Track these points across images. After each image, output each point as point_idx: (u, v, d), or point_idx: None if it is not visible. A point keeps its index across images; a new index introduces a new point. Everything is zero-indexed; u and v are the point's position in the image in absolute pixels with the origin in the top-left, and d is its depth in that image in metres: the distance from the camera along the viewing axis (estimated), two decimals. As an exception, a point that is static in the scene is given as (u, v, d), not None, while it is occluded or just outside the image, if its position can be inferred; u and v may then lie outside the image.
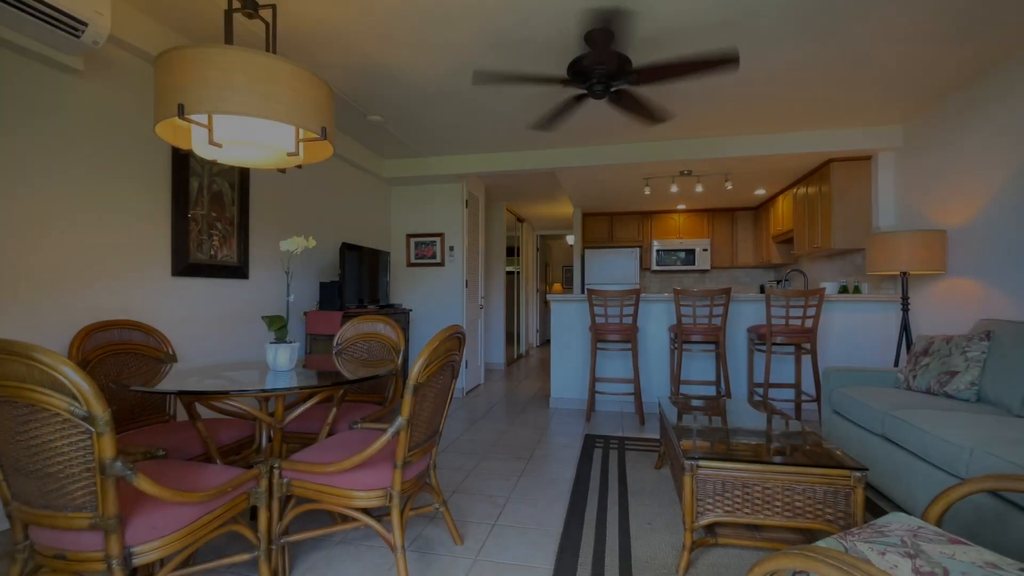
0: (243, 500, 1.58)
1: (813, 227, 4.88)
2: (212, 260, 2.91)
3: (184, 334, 2.76)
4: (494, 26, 2.52)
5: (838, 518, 1.75)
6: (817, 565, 0.79)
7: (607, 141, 4.40)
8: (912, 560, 1.07)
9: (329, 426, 2.15)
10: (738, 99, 3.45)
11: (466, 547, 2.02)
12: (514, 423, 3.98)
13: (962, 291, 3.33)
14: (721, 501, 1.83)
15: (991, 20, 2.49)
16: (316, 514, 2.30)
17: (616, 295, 3.93)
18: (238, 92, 1.56)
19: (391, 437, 1.61)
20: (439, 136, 4.24)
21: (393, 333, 2.59)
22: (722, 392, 4.01)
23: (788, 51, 2.78)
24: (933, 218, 3.62)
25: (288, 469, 1.70)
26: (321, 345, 3.52)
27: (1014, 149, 2.88)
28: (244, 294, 3.19)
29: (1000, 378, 2.41)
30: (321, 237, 4.08)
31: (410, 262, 5.30)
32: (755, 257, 6.95)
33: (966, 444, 1.86)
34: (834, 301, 4.11)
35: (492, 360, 6.92)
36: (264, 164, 1.94)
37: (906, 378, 2.82)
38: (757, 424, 2.34)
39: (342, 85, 3.21)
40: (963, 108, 3.30)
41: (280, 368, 1.97)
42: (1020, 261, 2.84)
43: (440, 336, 1.68)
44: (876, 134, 4.03)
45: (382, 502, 1.69)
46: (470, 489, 2.61)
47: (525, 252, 8.29)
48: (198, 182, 2.80)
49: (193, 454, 1.98)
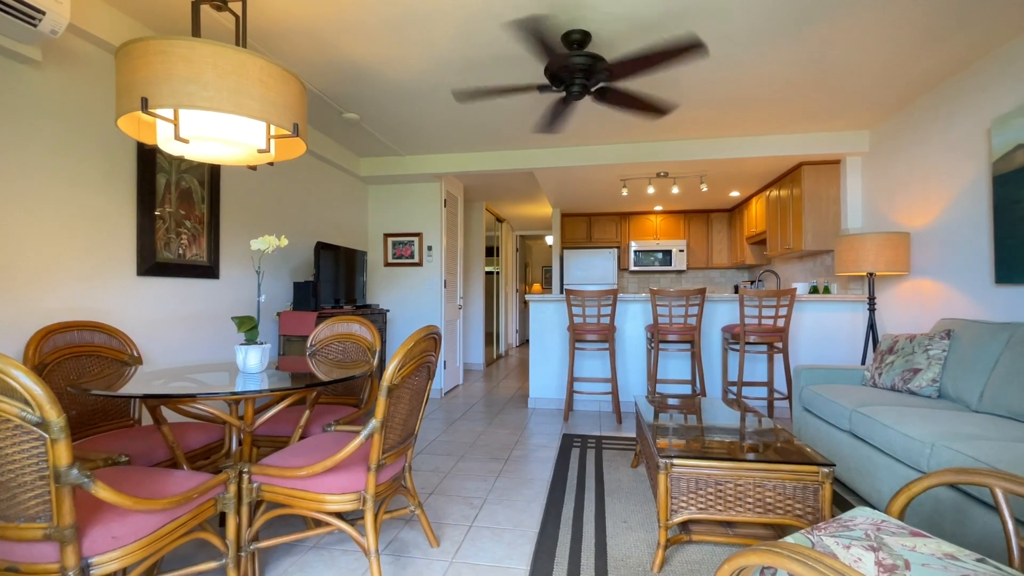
0: (210, 506, 1.54)
1: (785, 229, 4.99)
2: (180, 259, 2.82)
3: (150, 336, 2.67)
4: (471, 22, 2.50)
5: (807, 513, 1.80)
6: (783, 561, 0.81)
7: (585, 142, 4.43)
8: (875, 553, 1.10)
9: (302, 429, 2.10)
10: (712, 103, 3.50)
11: (442, 549, 2.00)
12: (492, 423, 3.97)
13: (925, 291, 3.45)
14: (695, 498, 1.86)
15: (951, 33, 2.59)
16: (289, 519, 2.25)
17: (594, 295, 3.96)
18: (206, 86, 1.52)
19: (364, 440, 1.58)
20: (416, 135, 4.20)
21: (368, 334, 2.56)
22: (697, 391, 4.07)
23: (759, 58, 2.83)
24: (897, 221, 3.75)
25: (258, 473, 1.66)
26: (295, 346, 3.45)
27: (970, 156, 2.99)
28: (214, 294, 3.10)
29: (959, 375, 2.51)
30: (295, 236, 4.00)
31: (387, 262, 5.25)
32: (730, 258, 7.08)
33: (927, 439, 1.93)
34: (805, 301, 4.22)
35: (471, 361, 6.89)
36: (234, 161, 1.89)
37: (872, 376, 2.91)
38: (730, 422, 2.38)
39: (317, 81, 3.15)
40: (924, 116, 3.42)
41: (250, 370, 1.93)
42: (976, 263, 2.95)
43: (415, 336, 1.66)
44: (844, 139, 4.15)
45: (356, 506, 1.66)
46: (447, 491, 2.59)
47: (505, 252, 8.28)
48: (165, 179, 2.72)
49: (159, 460, 1.92)
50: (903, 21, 2.49)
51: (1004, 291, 2.75)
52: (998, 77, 2.79)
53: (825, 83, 3.20)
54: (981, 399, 2.35)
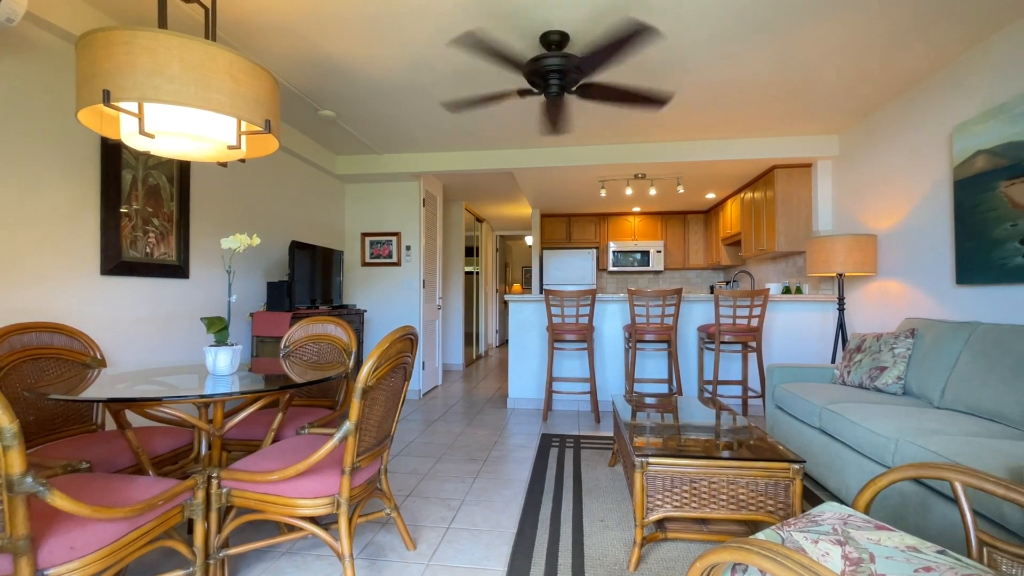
0: (177, 513, 1.49)
1: (759, 230, 5.10)
2: (148, 258, 2.73)
3: (116, 337, 2.58)
4: (450, 22, 2.49)
5: (778, 509, 1.83)
6: (753, 557, 0.82)
7: (564, 143, 4.44)
8: (842, 547, 1.12)
9: (274, 432, 2.06)
10: (688, 106, 3.55)
11: (419, 552, 1.98)
12: (471, 424, 3.95)
13: (891, 292, 3.56)
14: (670, 496, 1.88)
15: (914, 42, 2.67)
16: (261, 524, 2.20)
17: (572, 295, 3.98)
18: (172, 79, 1.47)
19: (338, 442, 1.56)
20: (395, 133, 4.16)
21: (344, 334, 2.52)
22: (674, 389, 4.13)
23: (733, 63, 2.88)
24: (865, 223, 3.86)
25: (228, 478, 1.62)
26: (268, 348, 3.38)
27: (933, 161, 3.10)
28: (184, 295, 3.01)
29: (922, 373, 2.59)
30: (269, 235, 3.92)
31: (365, 261, 5.18)
32: (706, 259, 7.20)
33: (892, 435, 1.99)
34: (778, 301, 4.31)
35: (450, 361, 6.86)
36: (203, 157, 1.84)
37: (841, 374, 2.99)
38: (705, 421, 2.41)
39: (292, 78, 3.09)
40: (891, 121, 3.53)
41: (220, 372, 1.87)
42: (939, 265, 3.06)
43: (391, 337, 1.64)
44: (815, 143, 4.26)
45: (329, 509, 1.63)
46: (424, 493, 2.57)
47: (484, 252, 8.26)
48: (132, 175, 2.63)
49: (123, 466, 1.85)
50: (870, 29, 2.56)
51: (964, 291, 2.86)
52: (959, 85, 2.90)
53: (797, 88, 3.28)
54: (943, 395, 2.43)
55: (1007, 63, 2.57)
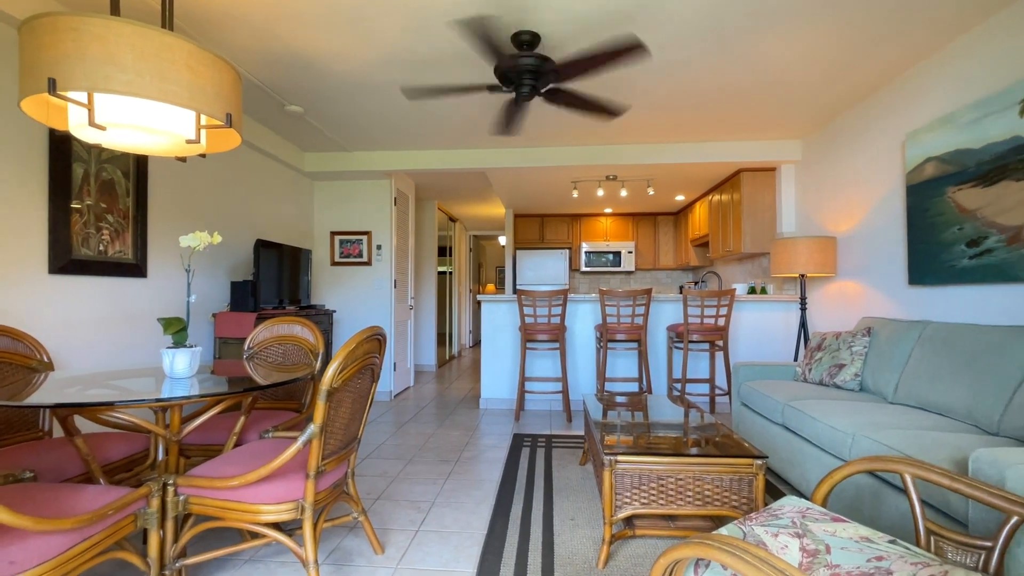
0: (129, 523, 1.43)
1: (726, 232, 5.23)
2: (102, 256, 2.61)
3: (68, 340, 2.45)
4: (420, 17, 2.46)
5: (742, 503, 1.88)
6: (714, 552, 0.83)
7: (536, 144, 4.46)
8: (800, 539, 1.16)
9: (236, 436, 1.99)
10: (658, 109, 3.61)
11: (387, 556, 1.95)
12: (443, 425, 3.92)
13: (849, 292, 3.70)
14: (638, 494, 1.90)
15: (872, 52, 2.78)
16: (223, 532, 2.12)
17: (545, 295, 3.99)
18: (124, 69, 1.40)
19: (302, 446, 1.52)
20: (365, 130, 4.09)
21: (311, 335, 2.46)
22: (644, 388, 4.19)
23: (703, 68, 2.95)
24: (826, 226, 4.00)
25: (185, 485, 1.55)
26: (232, 349, 3.27)
27: (888, 167, 3.24)
28: (142, 294, 2.89)
29: (877, 369, 2.70)
30: (234, 233, 3.79)
31: (334, 261, 5.08)
32: (675, 259, 7.34)
33: (849, 430, 2.06)
34: (743, 301, 4.43)
35: (423, 362, 6.79)
36: (159, 151, 1.76)
37: (803, 371, 3.09)
38: (673, 418, 2.46)
39: (257, 71, 3.00)
40: (849, 128, 3.67)
41: (178, 375, 1.81)
42: (893, 266, 3.20)
43: (357, 338, 1.61)
44: (779, 147, 4.39)
45: (294, 515, 1.59)
46: (394, 495, 2.54)
47: (458, 252, 8.22)
48: (83, 169, 2.50)
49: (72, 474, 1.76)
50: (831, 39, 2.66)
51: (916, 291, 3.00)
52: (912, 95, 3.03)
53: (762, 94, 3.37)
54: (896, 391, 2.54)
55: (955, 76, 2.71)
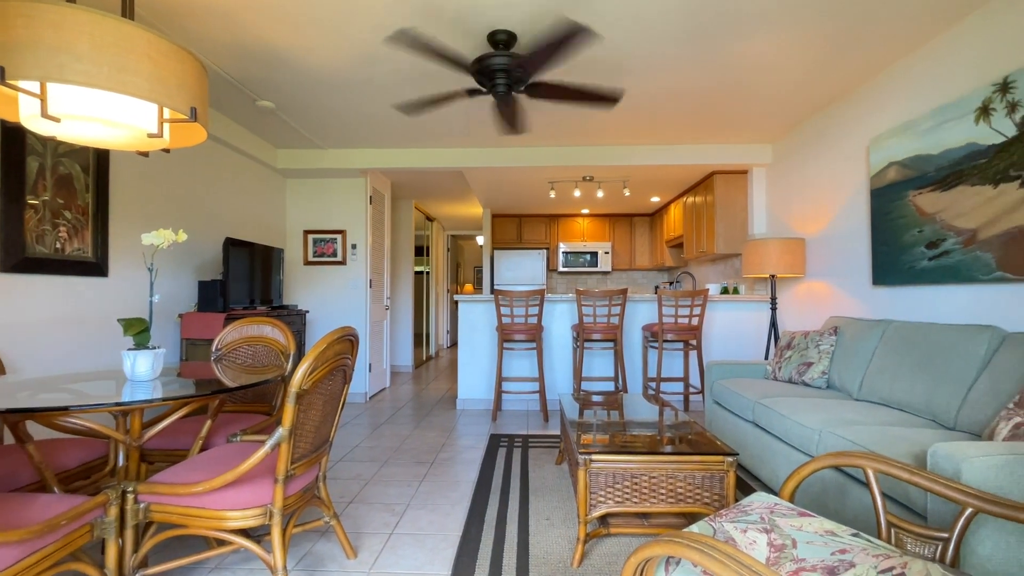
0: (85, 533, 1.37)
1: (700, 233, 5.32)
2: (59, 255, 2.50)
3: (21, 341, 2.34)
4: (390, 15, 2.43)
5: (714, 500, 1.91)
6: (683, 550, 0.84)
7: (513, 144, 4.46)
8: (768, 535, 1.18)
9: (202, 441, 1.93)
10: (634, 110, 3.65)
11: (360, 560, 1.92)
12: (419, 426, 3.88)
13: (817, 292, 3.81)
14: (612, 492, 1.91)
15: (840, 59, 2.87)
16: (188, 539, 2.05)
17: (522, 295, 3.99)
18: (80, 59, 1.34)
19: (270, 449, 1.48)
20: (340, 128, 4.02)
21: (282, 336, 2.40)
22: (619, 387, 4.23)
23: (674, 71, 2.99)
24: (795, 228, 4.11)
25: (146, 492, 1.50)
26: (200, 351, 3.18)
27: (853, 171, 3.34)
28: (103, 294, 2.78)
29: (844, 367, 2.79)
30: (202, 231, 3.68)
31: (308, 260, 4.98)
32: (651, 260, 7.44)
33: (816, 426, 2.12)
34: (716, 301, 4.52)
35: (399, 363, 6.72)
36: (119, 145, 1.69)
37: (773, 370, 3.16)
38: (648, 417, 2.48)
39: (225, 65, 2.91)
40: (818, 133, 3.78)
41: (140, 378, 1.74)
42: (858, 267, 3.30)
43: (328, 339, 1.58)
44: (751, 151, 4.49)
45: (262, 521, 1.55)
46: (368, 498, 2.50)
47: (435, 252, 8.16)
48: (38, 162, 2.39)
49: (24, 483, 1.68)
50: (800, 46, 2.72)
51: (879, 291, 3.10)
52: (876, 101, 3.14)
53: (735, 98, 3.44)
54: (861, 388, 2.62)
55: (916, 84, 2.81)
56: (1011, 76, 2.21)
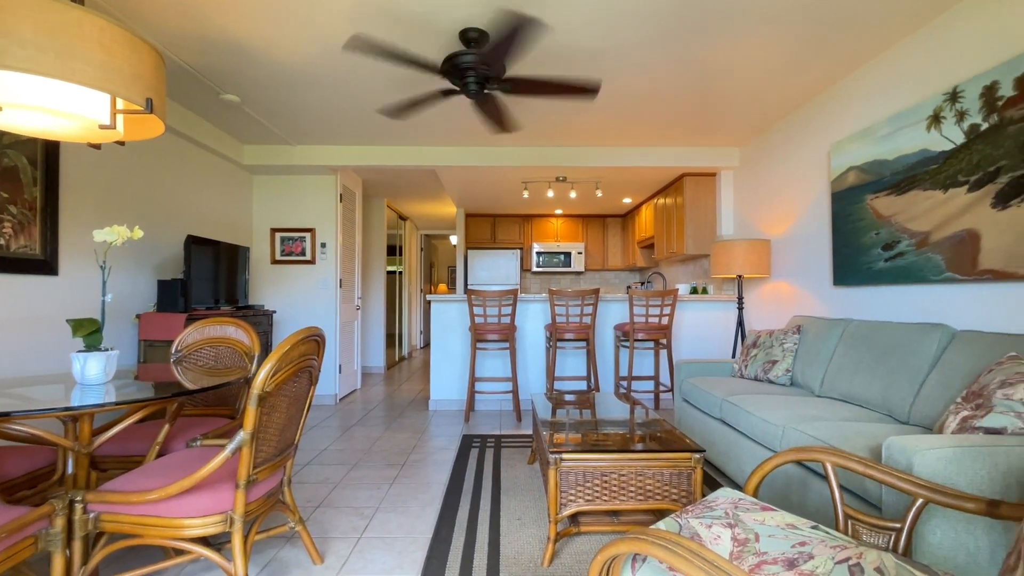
0: (28, 546, 1.29)
1: (670, 234, 5.41)
2: (2, 251, 2.36)
3: (-42, 343, 2.20)
4: (358, 9, 2.38)
5: (682, 496, 1.94)
6: (648, 547, 0.84)
7: (487, 143, 4.44)
8: (732, 529, 1.20)
9: (159, 446, 1.85)
10: (606, 111, 3.69)
11: (326, 566, 1.87)
12: (390, 428, 3.83)
13: (782, 292, 3.92)
14: (583, 491, 1.92)
15: (806, 65, 2.96)
16: (146, 549, 1.97)
17: (495, 295, 3.98)
18: (23, 44, 1.27)
19: (231, 454, 1.43)
20: (308, 123, 3.93)
21: (246, 337, 2.33)
22: (592, 386, 4.26)
23: (647, 74, 3.03)
24: (761, 229, 4.22)
25: (96, 501, 1.43)
26: (159, 353, 3.05)
27: (816, 175, 3.46)
28: (52, 294, 2.64)
29: (806, 365, 2.87)
30: (163, 228, 3.54)
31: (275, 259, 4.85)
32: (623, 260, 7.53)
33: (779, 423, 2.17)
34: (686, 301, 4.60)
35: (371, 364, 6.62)
36: (67, 136, 1.61)
37: (740, 368, 3.24)
38: (618, 416, 2.50)
39: (185, 55, 2.81)
40: (783, 137, 3.89)
41: (90, 381, 1.66)
42: (820, 267, 3.42)
43: (292, 339, 1.53)
44: (719, 154, 4.59)
45: (222, 528, 1.49)
46: (336, 502, 2.44)
47: (408, 251, 8.07)
48: (-19, 154, 2.25)
49: (-38, 494, 1.58)
50: (766, 52, 2.80)
51: (840, 291, 3.21)
52: (838, 107, 3.25)
53: (705, 102, 3.51)
54: (822, 385, 2.71)
55: (874, 91, 2.92)
56: (960, 86, 2.32)
